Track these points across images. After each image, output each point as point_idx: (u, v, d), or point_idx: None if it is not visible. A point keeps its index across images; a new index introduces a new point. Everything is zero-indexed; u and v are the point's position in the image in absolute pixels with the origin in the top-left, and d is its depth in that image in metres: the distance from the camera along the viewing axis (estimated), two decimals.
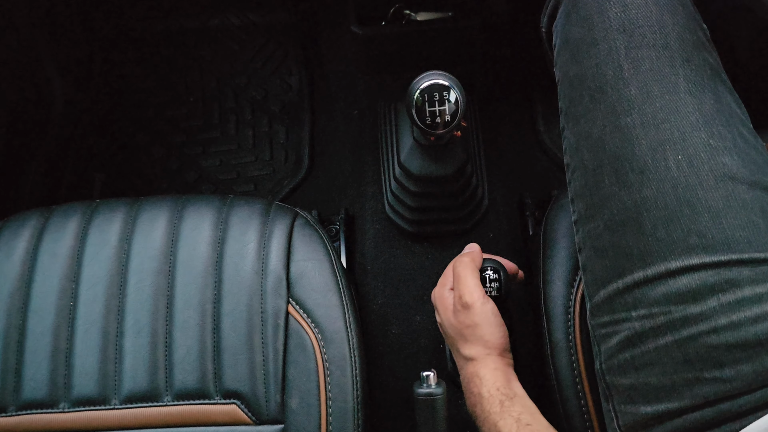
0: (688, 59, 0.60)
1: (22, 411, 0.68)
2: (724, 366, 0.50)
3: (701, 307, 0.51)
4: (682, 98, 0.58)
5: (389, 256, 1.07)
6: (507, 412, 0.61)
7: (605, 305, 0.58)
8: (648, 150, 0.56)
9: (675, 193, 0.54)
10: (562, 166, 1.25)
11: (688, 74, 0.59)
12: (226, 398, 0.68)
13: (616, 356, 0.56)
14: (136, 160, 1.31)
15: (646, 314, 0.54)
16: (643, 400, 0.54)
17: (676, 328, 0.52)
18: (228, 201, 0.77)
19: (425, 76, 0.57)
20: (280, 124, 1.33)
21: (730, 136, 0.57)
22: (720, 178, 0.54)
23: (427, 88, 0.57)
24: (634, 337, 0.55)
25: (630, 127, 0.58)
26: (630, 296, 0.55)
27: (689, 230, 0.53)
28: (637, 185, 0.56)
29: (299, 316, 0.70)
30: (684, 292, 0.52)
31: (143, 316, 0.70)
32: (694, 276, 0.52)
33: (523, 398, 0.64)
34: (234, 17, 1.43)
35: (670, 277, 0.53)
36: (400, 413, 0.98)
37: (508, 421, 0.60)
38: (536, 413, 0.62)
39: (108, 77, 1.39)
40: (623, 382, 0.56)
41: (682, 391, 0.51)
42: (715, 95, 0.59)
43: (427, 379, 0.68)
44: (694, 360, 0.51)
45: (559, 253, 0.73)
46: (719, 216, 0.53)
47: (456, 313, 0.70)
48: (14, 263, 0.73)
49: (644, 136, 0.57)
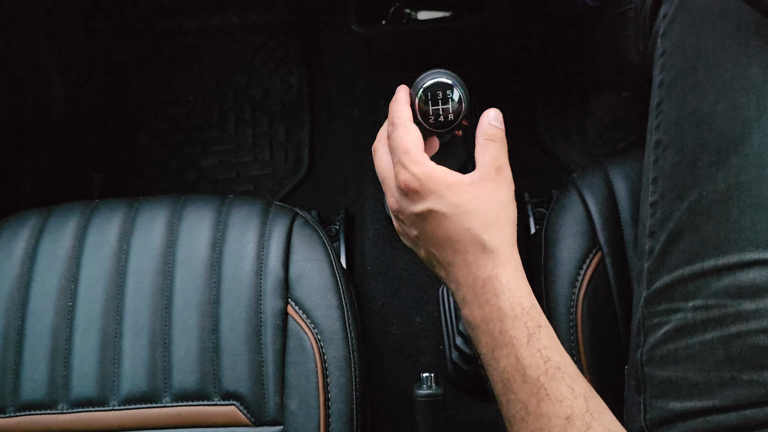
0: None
1: (21, 412, 0.68)
2: (765, 369, 0.49)
3: (756, 305, 0.50)
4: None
5: (389, 257, 1.06)
6: (534, 345, 0.47)
7: (665, 292, 0.56)
8: (758, 134, 0.54)
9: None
10: (562, 166, 1.26)
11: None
12: (225, 399, 0.68)
13: (661, 347, 0.55)
14: (136, 160, 1.31)
15: (702, 305, 0.52)
16: (675, 396, 0.53)
17: (726, 324, 0.51)
18: (227, 201, 0.77)
19: (428, 75, 0.57)
20: (279, 124, 1.33)
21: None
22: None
23: (431, 87, 0.56)
24: (683, 328, 0.53)
25: (744, 107, 0.55)
26: (693, 285, 0.53)
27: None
28: (736, 169, 0.53)
29: (298, 316, 0.70)
30: (745, 287, 0.50)
31: (142, 316, 0.70)
32: (763, 271, 0.50)
33: (547, 329, 0.49)
34: (234, 16, 1.43)
35: (739, 270, 0.51)
36: (400, 414, 0.98)
37: (536, 358, 0.47)
38: (565, 354, 0.49)
39: (108, 77, 1.39)
40: (660, 375, 0.55)
41: (714, 390, 0.50)
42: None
43: (427, 380, 0.68)
44: (735, 359, 0.50)
45: (560, 252, 0.72)
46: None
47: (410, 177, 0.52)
48: (13, 263, 0.72)
49: (757, 119, 0.54)
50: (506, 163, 0.54)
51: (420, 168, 0.52)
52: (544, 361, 0.47)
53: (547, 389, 0.46)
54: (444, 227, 0.51)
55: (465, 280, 0.51)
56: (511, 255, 0.51)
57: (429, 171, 0.52)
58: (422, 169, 0.52)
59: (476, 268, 0.50)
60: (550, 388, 0.46)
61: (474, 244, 0.50)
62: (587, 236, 0.71)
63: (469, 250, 0.51)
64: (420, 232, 0.53)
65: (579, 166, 1.13)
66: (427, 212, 0.51)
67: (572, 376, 0.47)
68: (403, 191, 0.52)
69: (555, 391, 0.46)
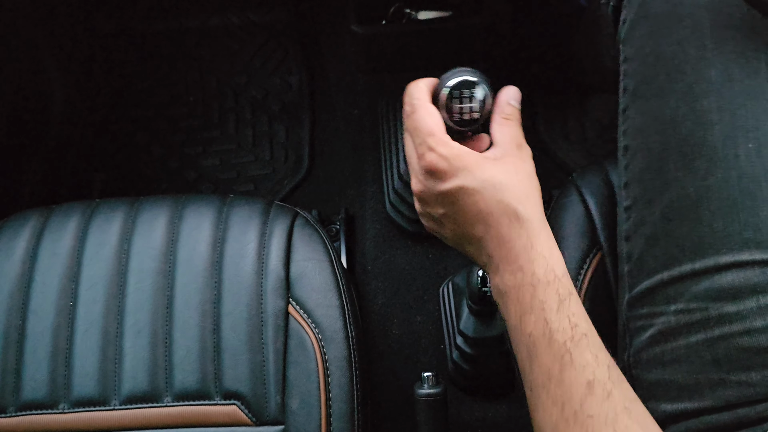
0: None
1: (22, 412, 0.68)
2: (752, 369, 0.49)
3: (738, 307, 0.50)
4: (762, 84, 0.55)
5: (389, 256, 1.06)
6: (563, 311, 0.47)
7: (646, 297, 0.56)
8: (720, 136, 0.54)
9: (739, 184, 0.52)
10: (562, 166, 1.26)
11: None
12: (227, 399, 0.68)
13: (646, 350, 0.55)
14: (136, 159, 1.31)
15: (684, 309, 0.52)
16: (665, 398, 0.53)
17: (709, 327, 0.51)
18: (228, 201, 0.77)
19: (454, 72, 0.56)
20: (280, 124, 1.33)
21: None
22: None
23: (457, 85, 0.56)
24: (667, 331, 0.53)
25: (706, 110, 0.55)
26: (673, 289, 0.54)
27: (746, 223, 0.51)
28: (703, 172, 0.54)
29: (299, 316, 0.70)
30: (726, 289, 0.51)
31: (143, 316, 0.70)
32: (740, 273, 0.50)
33: (576, 297, 0.49)
34: (234, 17, 1.43)
35: (716, 273, 0.51)
36: (400, 413, 0.98)
37: (564, 323, 0.47)
38: (590, 324, 0.49)
39: (108, 77, 1.39)
40: (648, 378, 0.55)
41: (704, 391, 0.50)
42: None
43: (428, 379, 0.68)
44: (722, 360, 0.50)
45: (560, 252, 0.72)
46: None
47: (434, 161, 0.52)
48: (14, 263, 0.72)
49: (719, 122, 0.54)
50: (524, 141, 0.55)
51: (447, 149, 0.52)
52: (571, 327, 0.47)
53: (572, 354, 0.46)
54: (475, 202, 0.51)
55: (498, 252, 0.51)
56: (543, 224, 0.51)
57: (456, 150, 0.52)
58: (449, 150, 0.52)
59: (510, 239, 0.50)
60: (575, 353, 0.46)
61: (507, 216, 0.50)
62: (587, 236, 0.71)
63: (503, 223, 0.50)
64: (448, 211, 0.53)
65: (579, 166, 1.13)
66: (456, 189, 0.51)
67: (597, 346, 0.47)
68: (429, 172, 0.52)
69: (579, 357, 0.45)
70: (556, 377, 0.46)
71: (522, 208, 0.51)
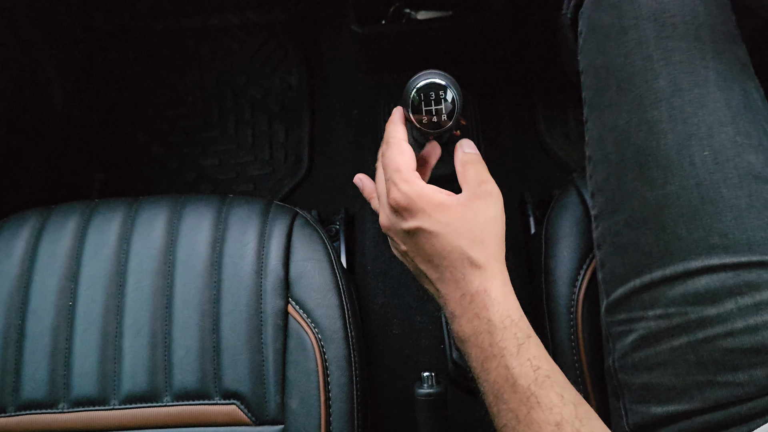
0: (720, 52, 0.58)
1: (22, 411, 0.68)
2: (738, 370, 0.49)
3: (718, 310, 0.50)
4: (711, 92, 0.56)
5: (389, 256, 1.06)
6: (524, 355, 0.48)
7: (622, 303, 0.57)
8: (674, 145, 0.55)
9: (698, 191, 0.53)
10: (562, 166, 1.26)
11: (719, 67, 0.57)
12: (226, 399, 0.68)
13: (630, 355, 0.56)
14: (136, 160, 1.31)
15: (663, 314, 0.53)
16: (655, 400, 0.53)
17: (691, 330, 0.51)
18: (227, 201, 0.77)
19: (421, 75, 0.57)
20: (279, 124, 1.33)
21: (756, 133, 0.55)
22: (744, 176, 0.53)
23: (424, 87, 0.56)
24: (649, 336, 0.54)
25: (657, 120, 0.56)
26: (647, 295, 0.54)
27: (711, 229, 0.52)
28: (660, 181, 0.55)
29: (299, 316, 0.70)
30: (702, 293, 0.51)
31: (142, 316, 0.70)
32: (713, 277, 0.51)
33: (536, 339, 0.50)
34: (233, 16, 1.43)
35: (689, 278, 0.52)
36: (400, 413, 0.98)
37: (525, 368, 0.47)
38: (553, 364, 0.50)
39: (108, 77, 1.39)
40: (635, 381, 0.55)
41: (693, 393, 0.51)
42: (744, 91, 0.58)
43: (428, 379, 0.68)
44: (707, 363, 0.50)
45: (561, 252, 0.72)
46: (742, 216, 0.52)
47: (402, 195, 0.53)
48: (13, 263, 0.72)
49: (671, 131, 0.55)
50: (489, 178, 0.56)
51: (410, 186, 0.53)
52: (534, 370, 0.47)
53: (537, 397, 0.46)
54: (432, 244, 0.53)
55: (453, 295, 0.52)
56: (499, 270, 0.52)
57: (419, 189, 0.53)
58: (412, 188, 0.53)
59: (464, 284, 0.51)
60: (540, 396, 0.46)
61: (462, 261, 0.52)
62: (587, 236, 0.71)
63: (457, 267, 0.52)
64: (409, 248, 0.55)
65: (579, 166, 1.13)
66: (416, 229, 0.53)
67: (561, 385, 0.48)
68: (394, 208, 0.54)
69: (545, 398, 0.46)
70: (524, 420, 0.46)
71: (477, 254, 0.52)
